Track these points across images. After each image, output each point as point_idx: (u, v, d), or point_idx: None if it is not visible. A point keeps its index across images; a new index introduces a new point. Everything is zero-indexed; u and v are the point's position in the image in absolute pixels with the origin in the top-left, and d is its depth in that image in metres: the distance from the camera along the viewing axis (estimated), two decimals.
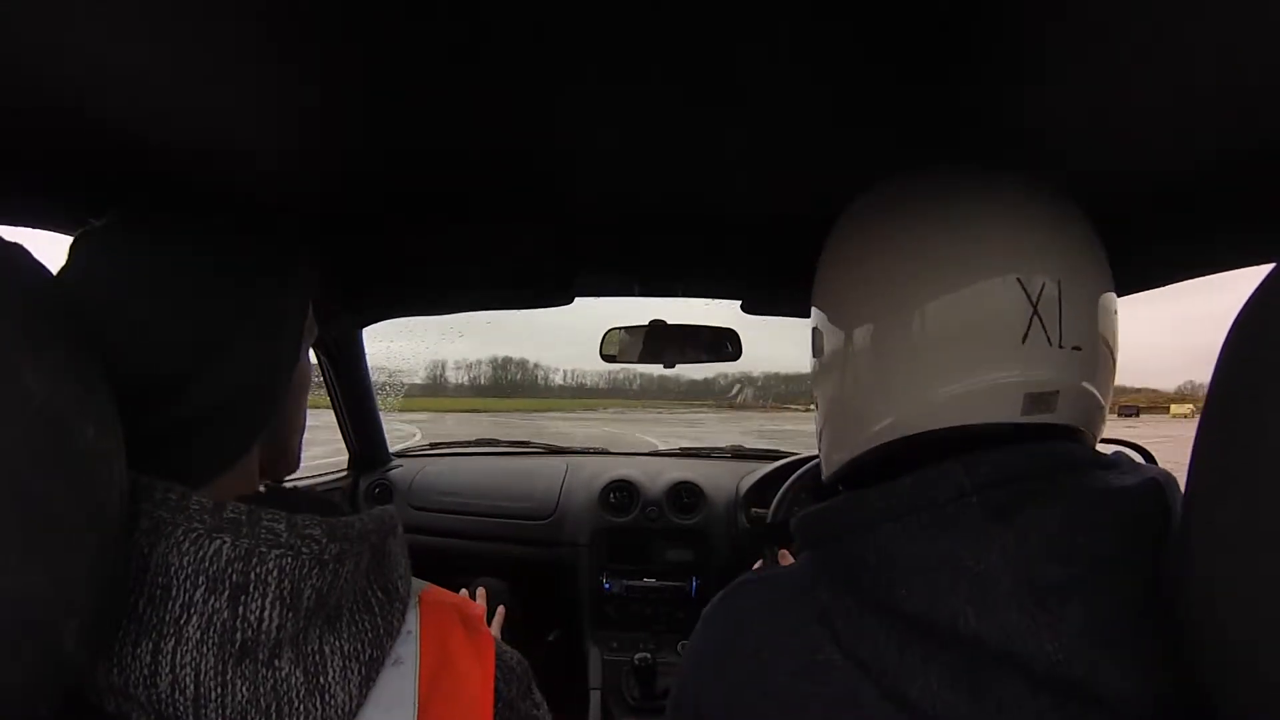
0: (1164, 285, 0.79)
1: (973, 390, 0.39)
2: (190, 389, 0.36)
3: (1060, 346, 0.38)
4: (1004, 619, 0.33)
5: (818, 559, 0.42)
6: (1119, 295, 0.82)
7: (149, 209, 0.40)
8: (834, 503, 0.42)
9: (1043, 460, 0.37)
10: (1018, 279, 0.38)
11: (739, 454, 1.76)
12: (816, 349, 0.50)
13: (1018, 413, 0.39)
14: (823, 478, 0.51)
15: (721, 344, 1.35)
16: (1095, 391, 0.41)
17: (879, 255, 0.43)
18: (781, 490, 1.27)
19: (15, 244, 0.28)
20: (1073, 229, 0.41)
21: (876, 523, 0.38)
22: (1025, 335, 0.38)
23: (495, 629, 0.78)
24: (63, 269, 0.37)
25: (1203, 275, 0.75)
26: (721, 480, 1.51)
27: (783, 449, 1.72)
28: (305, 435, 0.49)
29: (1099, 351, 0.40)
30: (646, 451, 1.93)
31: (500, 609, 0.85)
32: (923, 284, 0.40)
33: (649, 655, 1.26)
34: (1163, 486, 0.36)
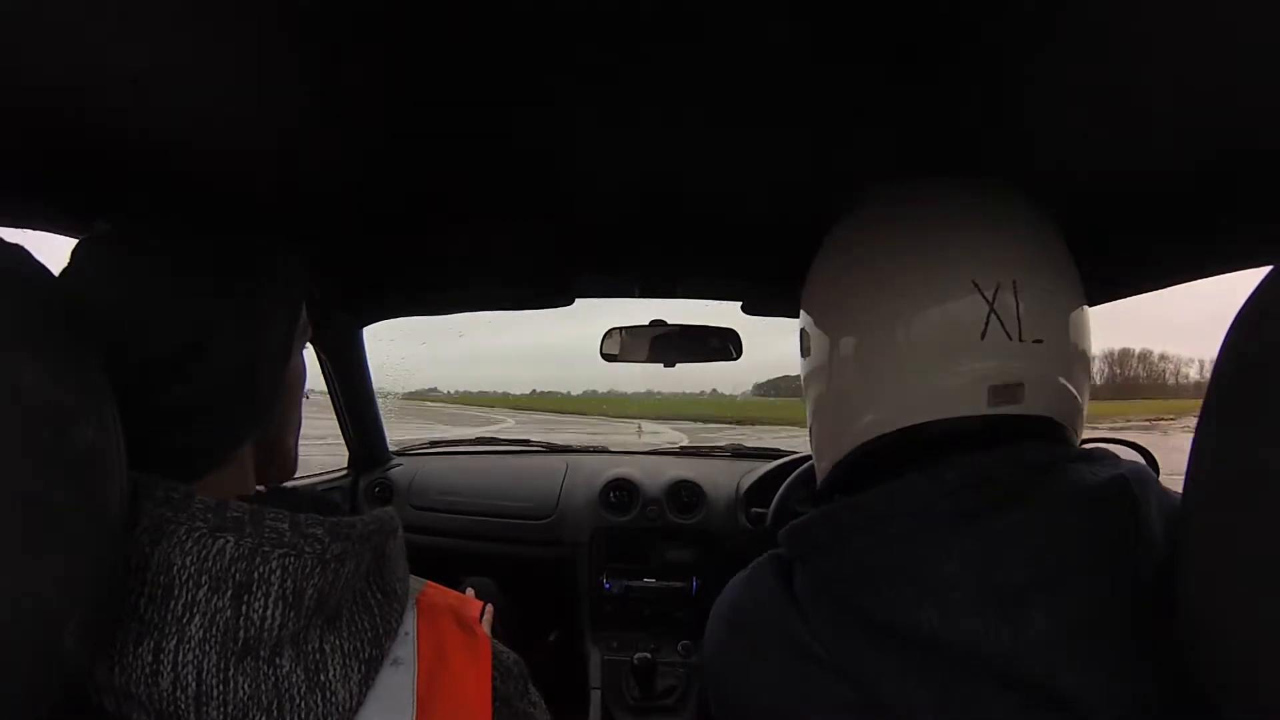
0: (1164, 287, 0.79)
1: (939, 385, 0.41)
2: (176, 384, 0.36)
3: (1020, 340, 0.40)
4: (965, 623, 0.34)
5: (803, 569, 0.44)
6: (1121, 297, 0.83)
7: (144, 208, 0.40)
8: (808, 519, 0.44)
9: (1010, 463, 0.39)
10: (972, 280, 0.40)
11: (739, 453, 1.75)
12: (804, 350, 0.52)
13: (983, 405, 0.41)
14: (816, 485, 0.53)
15: (722, 344, 1.36)
16: (1067, 385, 0.42)
17: (851, 269, 0.47)
18: (781, 490, 1.27)
19: (16, 245, 0.28)
20: (1027, 230, 0.43)
21: (847, 536, 0.40)
22: (984, 332, 0.40)
23: (485, 628, 0.79)
24: (62, 272, 0.38)
25: (1202, 277, 0.75)
26: (721, 479, 1.50)
27: (783, 448, 1.72)
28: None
29: (1064, 345, 0.42)
30: (646, 450, 1.93)
31: (489, 608, 0.85)
32: (890, 294, 0.43)
33: (649, 655, 1.26)
34: (1130, 482, 0.37)
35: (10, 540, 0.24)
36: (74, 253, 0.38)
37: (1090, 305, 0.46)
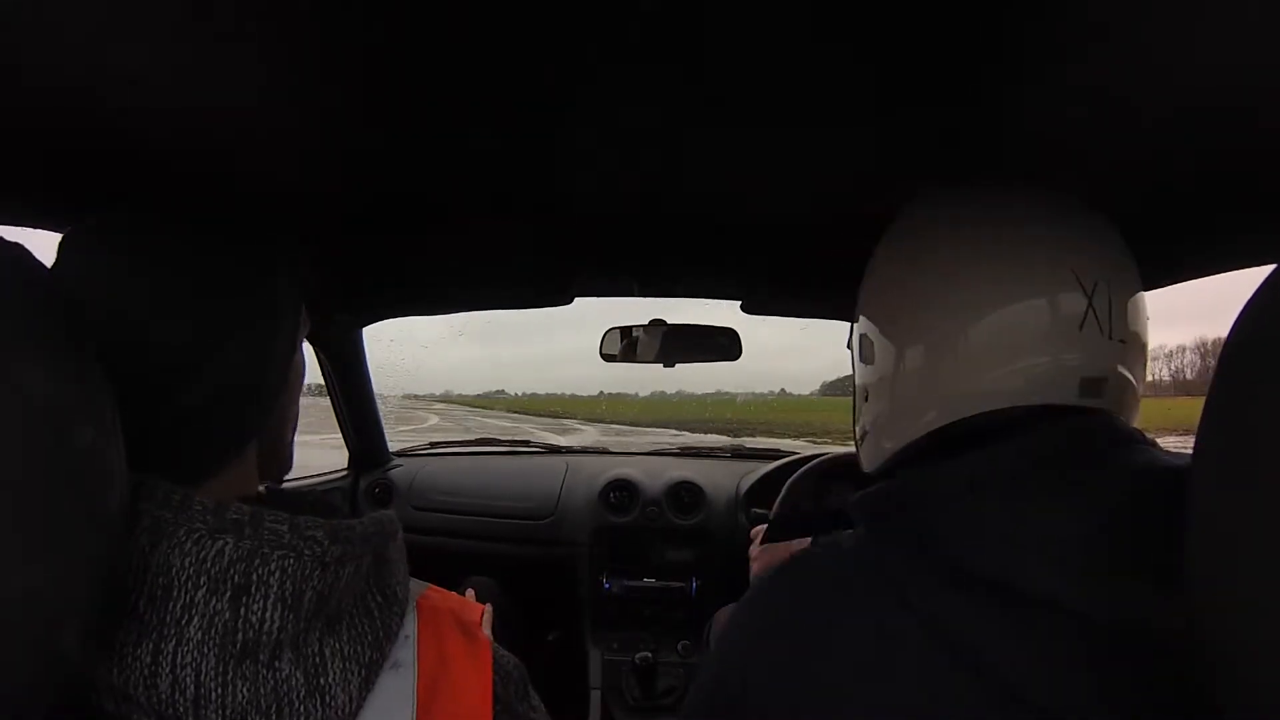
0: (1166, 285, 0.79)
1: (1034, 373, 0.42)
2: (185, 385, 0.36)
3: (1110, 338, 0.42)
4: (1079, 582, 0.34)
5: (880, 533, 0.43)
6: None
7: (145, 207, 0.40)
8: (897, 481, 0.43)
9: (1100, 430, 0.40)
10: (1074, 273, 0.41)
11: (739, 453, 1.75)
12: (866, 356, 0.52)
13: (1073, 396, 0.41)
14: (865, 469, 0.53)
15: (722, 343, 1.36)
16: (1134, 381, 0.44)
17: (941, 264, 0.46)
18: (783, 490, 1.27)
19: (15, 244, 0.28)
20: (1111, 233, 0.45)
21: (950, 495, 0.40)
22: (1082, 324, 0.41)
23: (485, 628, 0.79)
24: (54, 267, 0.37)
25: (1204, 276, 0.75)
26: (721, 480, 1.50)
27: (783, 448, 1.72)
28: None
29: (1139, 345, 0.44)
30: (647, 451, 1.93)
31: (488, 607, 0.85)
32: (989, 288, 0.43)
33: (649, 655, 1.26)
34: None
35: (10, 541, 0.23)
36: (65, 250, 0.38)
37: None
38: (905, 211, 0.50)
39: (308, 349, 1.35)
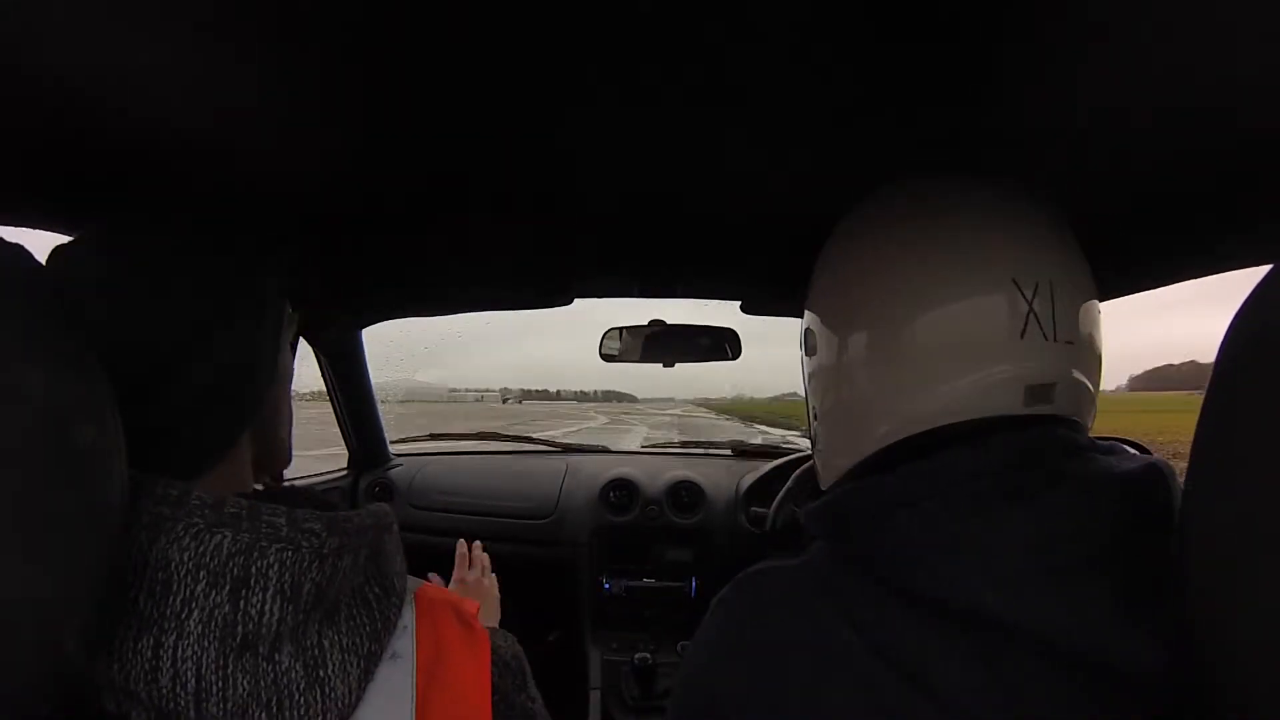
0: (1164, 285, 0.80)
1: (976, 385, 0.41)
2: (172, 383, 0.36)
3: (1055, 341, 0.40)
4: (1024, 600, 0.34)
5: (832, 548, 0.43)
6: (1120, 295, 0.83)
7: (144, 207, 0.40)
8: (846, 491, 0.43)
9: (1049, 443, 0.39)
10: (1013, 279, 0.40)
11: (739, 452, 1.75)
12: (810, 349, 0.51)
13: (1019, 405, 0.41)
14: (821, 485, 0.52)
15: (720, 344, 1.36)
16: (1087, 383, 0.43)
17: (876, 265, 0.45)
18: (783, 490, 1.27)
19: (15, 244, 0.28)
20: (1058, 231, 0.44)
21: (892, 509, 0.39)
22: (1023, 331, 0.40)
23: (490, 620, 0.79)
24: (55, 273, 0.37)
25: (1203, 276, 0.75)
26: (721, 480, 1.50)
27: (784, 447, 1.72)
28: None
29: (1087, 345, 0.43)
30: (646, 450, 1.93)
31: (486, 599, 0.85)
32: (922, 291, 0.42)
33: (649, 655, 1.26)
34: (1164, 472, 0.38)
35: (10, 542, 0.24)
36: (61, 255, 0.38)
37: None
38: (853, 212, 0.49)
39: (307, 349, 1.36)
